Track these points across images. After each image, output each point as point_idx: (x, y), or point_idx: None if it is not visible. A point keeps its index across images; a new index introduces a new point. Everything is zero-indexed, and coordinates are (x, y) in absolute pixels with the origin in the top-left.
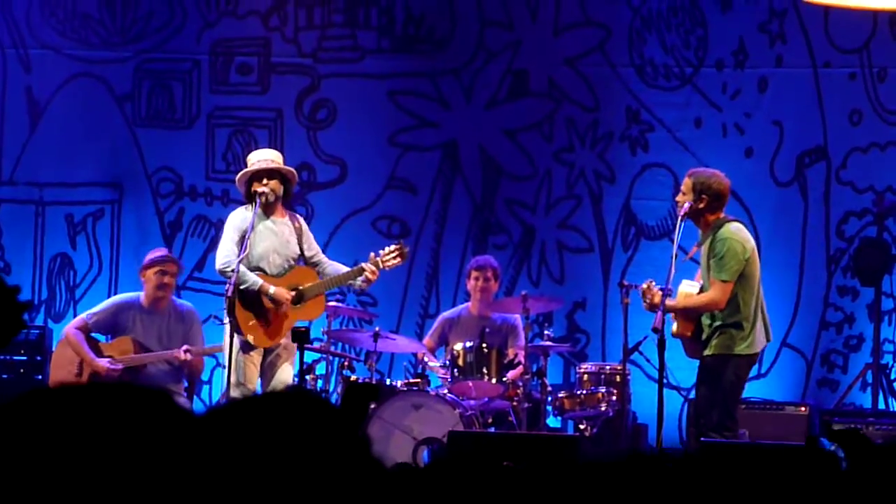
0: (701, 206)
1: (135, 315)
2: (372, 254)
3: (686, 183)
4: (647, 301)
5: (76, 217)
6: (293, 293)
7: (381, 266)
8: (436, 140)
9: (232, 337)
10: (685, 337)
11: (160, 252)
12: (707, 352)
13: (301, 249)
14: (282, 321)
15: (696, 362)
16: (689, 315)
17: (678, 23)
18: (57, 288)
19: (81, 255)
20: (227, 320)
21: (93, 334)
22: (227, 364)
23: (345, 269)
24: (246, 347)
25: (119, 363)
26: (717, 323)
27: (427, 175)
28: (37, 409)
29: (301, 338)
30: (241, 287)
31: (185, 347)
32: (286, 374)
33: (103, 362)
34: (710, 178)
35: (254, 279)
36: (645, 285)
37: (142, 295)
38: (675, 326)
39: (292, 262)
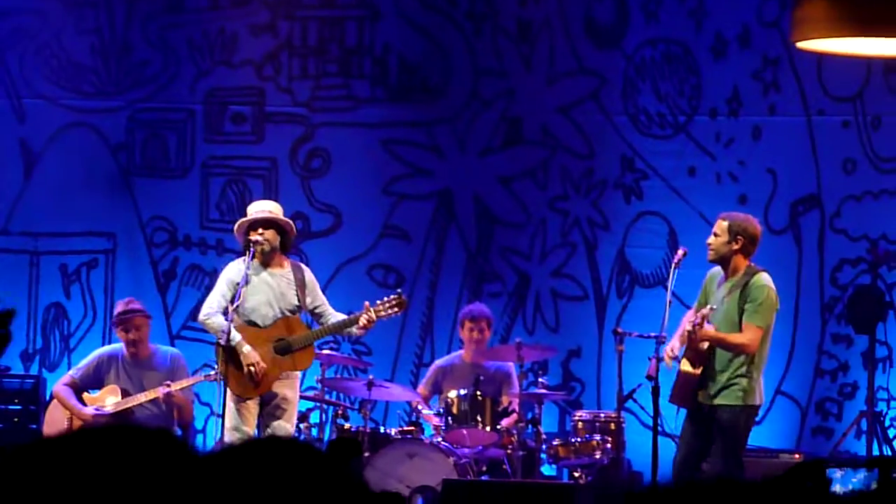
0: (735, 247)
1: (117, 366)
2: (367, 303)
3: (720, 225)
4: (695, 336)
5: (70, 267)
6: (257, 357)
7: (377, 315)
8: (430, 188)
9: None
10: (692, 376)
11: (119, 307)
12: (720, 402)
13: (301, 300)
14: (265, 373)
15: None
16: (702, 356)
17: (672, 71)
18: (51, 337)
19: (76, 304)
20: (215, 369)
21: (83, 388)
22: (221, 409)
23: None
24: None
25: (106, 410)
26: (738, 372)
27: (421, 223)
28: (35, 462)
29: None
30: (222, 342)
31: (166, 383)
32: (284, 428)
33: (89, 411)
34: (745, 220)
35: (231, 336)
36: (694, 320)
37: (124, 346)
38: (685, 366)
39: (287, 314)
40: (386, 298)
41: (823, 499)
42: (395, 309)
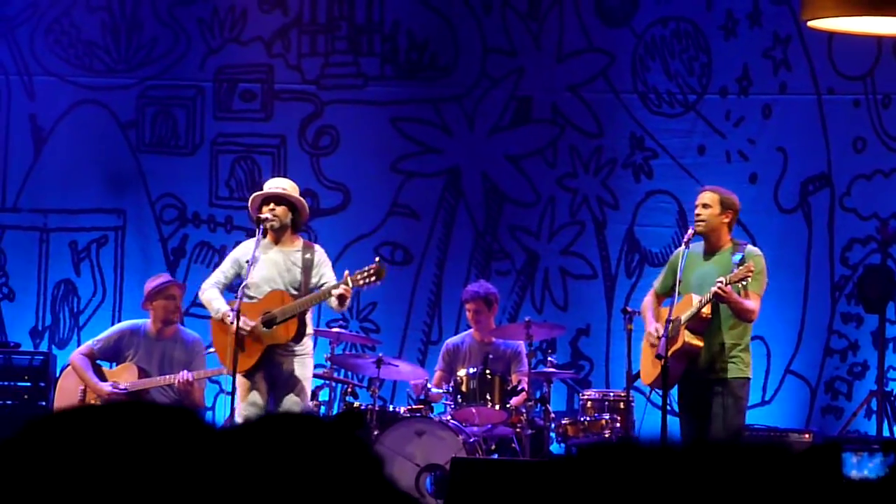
0: (726, 220)
1: (139, 342)
2: (346, 272)
3: (711, 197)
4: (724, 297)
5: (80, 243)
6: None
7: (354, 284)
8: (439, 167)
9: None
10: (696, 348)
11: (160, 279)
12: (728, 376)
13: (305, 279)
14: (254, 345)
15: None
16: (706, 326)
17: (682, 49)
18: (61, 314)
19: (85, 281)
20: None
21: (99, 361)
22: (232, 383)
23: None
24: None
25: (122, 388)
26: (738, 345)
27: (430, 201)
28: (53, 433)
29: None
30: (213, 315)
31: (187, 375)
32: (297, 405)
33: (106, 387)
34: (731, 194)
35: (217, 307)
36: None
37: (148, 322)
38: (690, 337)
39: (292, 292)
40: (365, 267)
41: (838, 483)
42: (374, 278)
